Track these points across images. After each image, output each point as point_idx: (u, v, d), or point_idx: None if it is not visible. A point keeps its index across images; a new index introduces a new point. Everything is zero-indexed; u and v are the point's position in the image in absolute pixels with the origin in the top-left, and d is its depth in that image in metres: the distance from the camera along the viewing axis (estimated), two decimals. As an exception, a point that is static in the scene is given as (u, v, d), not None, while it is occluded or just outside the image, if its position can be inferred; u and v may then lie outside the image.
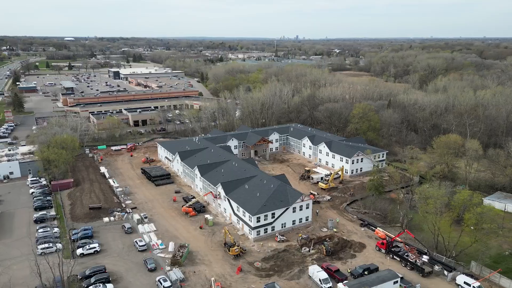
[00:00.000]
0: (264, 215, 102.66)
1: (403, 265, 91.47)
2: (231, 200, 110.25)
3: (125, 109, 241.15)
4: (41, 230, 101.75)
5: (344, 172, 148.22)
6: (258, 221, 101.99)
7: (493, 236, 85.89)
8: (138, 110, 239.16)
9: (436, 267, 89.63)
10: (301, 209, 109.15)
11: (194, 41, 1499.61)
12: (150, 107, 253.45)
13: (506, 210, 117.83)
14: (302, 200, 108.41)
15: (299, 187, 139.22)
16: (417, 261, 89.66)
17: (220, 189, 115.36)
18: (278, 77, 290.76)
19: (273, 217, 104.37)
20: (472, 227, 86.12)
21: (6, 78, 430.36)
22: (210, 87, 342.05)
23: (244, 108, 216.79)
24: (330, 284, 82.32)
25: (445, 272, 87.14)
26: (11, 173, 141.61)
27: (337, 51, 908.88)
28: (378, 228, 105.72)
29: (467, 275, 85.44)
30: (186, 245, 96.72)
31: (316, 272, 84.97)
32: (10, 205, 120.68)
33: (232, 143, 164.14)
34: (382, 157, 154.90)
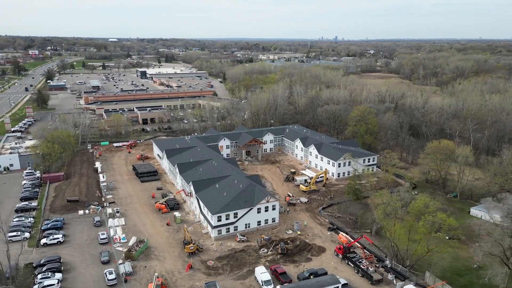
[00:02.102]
0: (226, 215, 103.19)
1: (356, 271, 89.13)
2: (198, 199, 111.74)
3: (137, 108, 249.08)
4: (16, 219, 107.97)
5: (330, 175, 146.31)
6: (219, 220, 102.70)
7: (444, 247, 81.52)
8: (148, 108, 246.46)
9: (389, 276, 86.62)
10: (266, 210, 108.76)
11: (231, 42, 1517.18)
12: (161, 106, 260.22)
13: (492, 221, 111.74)
14: (268, 201, 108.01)
15: (282, 188, 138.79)
16: (369, 268, 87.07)
17: (191, 187, 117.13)
18: (292, 78, 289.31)
19: (235, 217, 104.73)
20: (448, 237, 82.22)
21: (42, 76, 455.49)
22: (227, 87, 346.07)
23: (247, 109, 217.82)
24: (271, 286, 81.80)
25: (394, 281, 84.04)
26: (11, 165, 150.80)
27: (371, 52, 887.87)
28: (341, 233, 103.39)
29: (419, 285, 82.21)
30: (145, 240, 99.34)
31: (260, 274, 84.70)
32: (1, 194, 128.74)
33: (224, 142, 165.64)
34: (373, 161, 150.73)
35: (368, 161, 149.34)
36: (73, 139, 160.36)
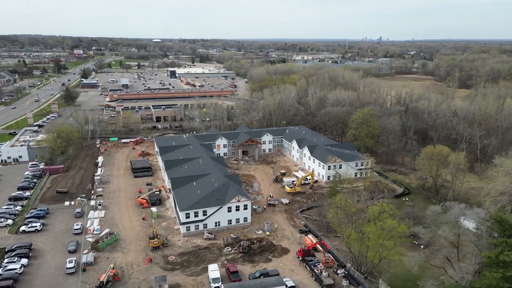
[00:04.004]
0: (195, 212, 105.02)
1: (311, 275, 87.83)
2: (174, 195, 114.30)
3: (153, 106, 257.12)
4: (5, 206, 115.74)
5: (320, 177, 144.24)
6: (188, 217, 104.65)
7: (393, 254, 78.22)
8: (163, 107, 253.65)
9: (343, 282, 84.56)
10: (238, 209, 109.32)
11: (269, 42, 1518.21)
12: (177, 104, 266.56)
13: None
14: (238, 201, 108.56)
15: (269, 189, 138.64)
16: (323, 272, 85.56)
17: (170, 184, 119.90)
18: (309, 79, 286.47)
19: (205, 214, 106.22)
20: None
21: (79, 74, 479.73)
22: (247, 87, 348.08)
23: (257, 109, 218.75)
24: (219, 284, 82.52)
25: (344, 287, 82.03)
26: (20, 156, 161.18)
27: (412, 53, 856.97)
28: (308, 236, 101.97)
29: (369, 293, 79.87)
30: (115, 233, 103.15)
31: (211, 271, 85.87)
32: (2, 184, 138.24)
33: (221, 141, 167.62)
34: (366, 165, 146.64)
35: (361, 165, 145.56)
36: (77, 134, 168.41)
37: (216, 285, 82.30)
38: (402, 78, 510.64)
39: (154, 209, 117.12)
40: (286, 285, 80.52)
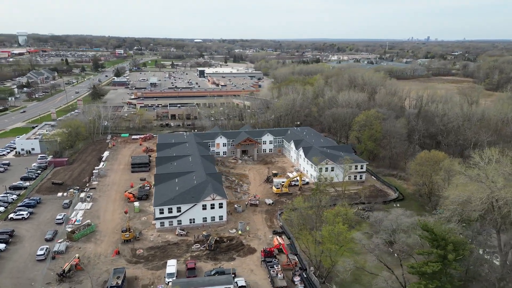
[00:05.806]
0: (169, 208, 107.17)
1: (268, 276, 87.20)
2: (154, 191, 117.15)
3: (170, 104, 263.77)
4: (2, 195, 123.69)
5: (310, 179, 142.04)
6: (161, 212, 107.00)
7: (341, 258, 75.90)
8: (178, 105, 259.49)
9: (299, 285, 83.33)
10: (212, 208, 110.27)
11: (308, 42, 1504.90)
12: (193, 103, 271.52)
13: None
14: (213, 199, 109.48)
15: (258, 189, 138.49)
16: (278, 274, 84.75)
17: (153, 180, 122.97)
18: (328, 79, 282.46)
19: (178, 211, 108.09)
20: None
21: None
22: (268, 87, 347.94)
23: (265, 110, 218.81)
24: (172, 279, 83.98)
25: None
26: (33, 149, 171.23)
27: (456, 54, 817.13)
28: (277, 237, 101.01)
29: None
30: (92, 224, 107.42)
31: (168, 266, 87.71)
32: (8, 174, 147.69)
33: (221, 140, 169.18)
34: (361, 168, 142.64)
35: (356, 168, 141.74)
36: (84, 129, 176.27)
37: (169, 280, 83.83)
38: (439, 80, 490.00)
39: (136, 203, 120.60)
40: (237, 284, 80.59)
